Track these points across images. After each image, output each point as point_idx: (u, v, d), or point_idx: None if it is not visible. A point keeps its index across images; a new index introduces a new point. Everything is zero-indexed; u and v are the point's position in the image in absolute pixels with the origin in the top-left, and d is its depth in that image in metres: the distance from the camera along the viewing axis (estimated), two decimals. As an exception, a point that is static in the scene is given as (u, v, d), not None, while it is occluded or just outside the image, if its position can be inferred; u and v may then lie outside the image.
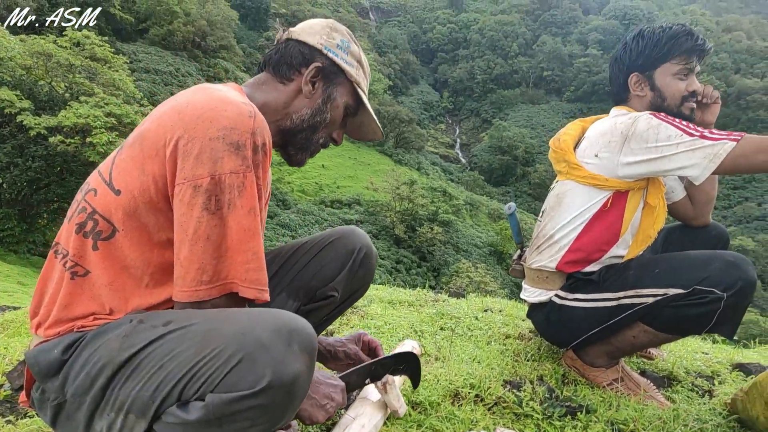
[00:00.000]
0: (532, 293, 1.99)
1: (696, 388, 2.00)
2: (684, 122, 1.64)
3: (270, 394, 0.87)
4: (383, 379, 1.43)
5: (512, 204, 2.26)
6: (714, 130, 1.60)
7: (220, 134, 0.94)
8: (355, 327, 2.48)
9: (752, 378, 2.03)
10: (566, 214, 1.86)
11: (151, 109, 1.42)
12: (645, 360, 2.24)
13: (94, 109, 16.61)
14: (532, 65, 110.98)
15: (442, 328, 2.51)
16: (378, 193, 43.36)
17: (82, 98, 17.28)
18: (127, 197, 1.00)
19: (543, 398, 1.74)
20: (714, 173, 1.58)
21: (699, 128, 1.61)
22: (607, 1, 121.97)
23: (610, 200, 1.78)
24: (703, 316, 1.61)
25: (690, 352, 2.46)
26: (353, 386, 1.35)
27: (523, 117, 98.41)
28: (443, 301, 3.13)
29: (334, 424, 1.44)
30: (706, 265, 1.62)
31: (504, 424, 1.57)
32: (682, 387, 1.99)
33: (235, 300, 1.00)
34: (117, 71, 20.36)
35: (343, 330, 2.44)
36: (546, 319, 1.95)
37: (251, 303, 1.05)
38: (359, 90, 1.27)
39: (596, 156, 1.77)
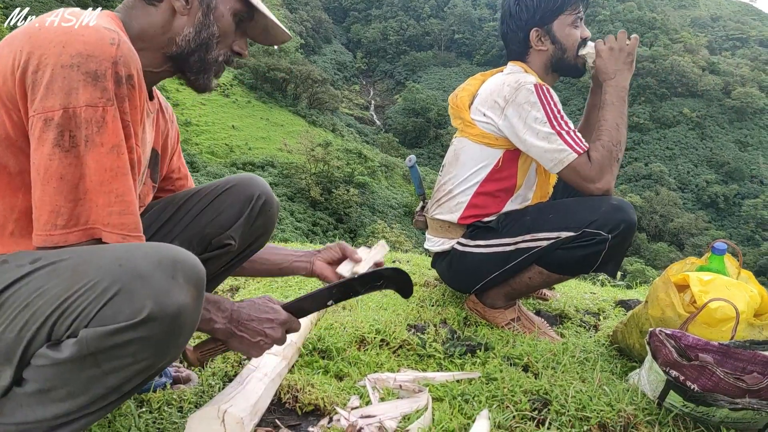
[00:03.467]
0: (435, 243, 2.04)
1: (584, 324, 2.17)
2: (556, 108, 1.73)
3: (151, 326, 0.81)
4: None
5: (412, 156, 2.28)
6: (571, 132, 1.72)
7: (74, 61, 0.84)
8: (266, 283, 2.43)
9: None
10: (463, 170, 1.93)
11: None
12: (540, 301, 2.39)
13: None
14: (443, 28, 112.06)
15: (351, 281, 2.52)
16: (292, 155, 42.51)
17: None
18: None
19: (445, 339, 1.80)
20: (558, 175, 1.75)
21: (563, 123, 1.72)
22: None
23: (501, 160, 1.87)
24: (591, 256, 1.74)
25: (580, 293, 2.66)
26: (305, 313, 1.20)
27: (436, 80, 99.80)
28: (353, 256, 3.14)
29: (236, 374, 1.40)
30: (594, 209, 1.73)
31: (408, 365, 1.62)
32: (572, 323, 2.16)
33: None
34: (-11, 18, 18.02)
35: (258, 288, 2.38)
36: (449, 266, 2.01)
37: None
38: None
39: (484, 115, 1.85)
